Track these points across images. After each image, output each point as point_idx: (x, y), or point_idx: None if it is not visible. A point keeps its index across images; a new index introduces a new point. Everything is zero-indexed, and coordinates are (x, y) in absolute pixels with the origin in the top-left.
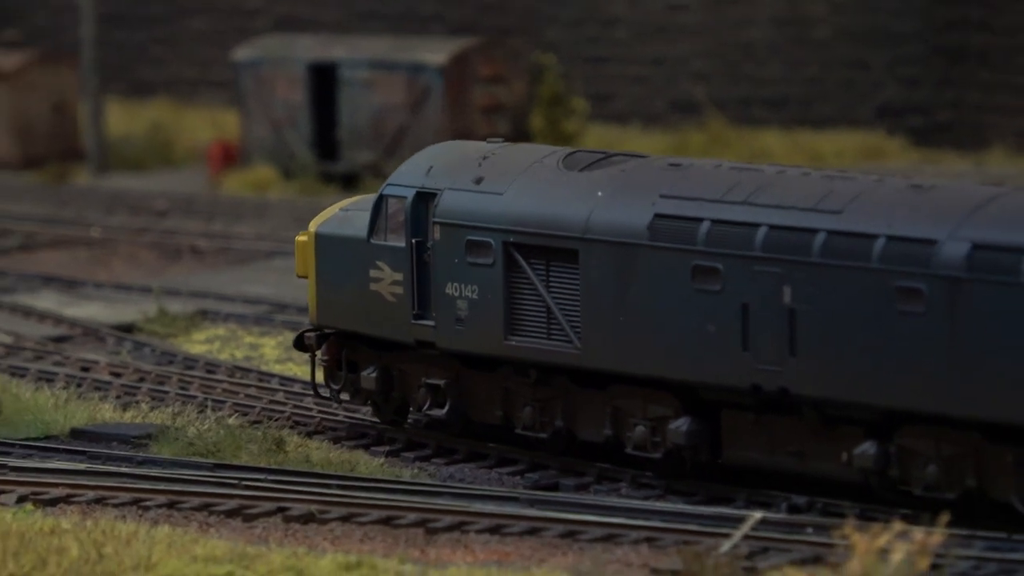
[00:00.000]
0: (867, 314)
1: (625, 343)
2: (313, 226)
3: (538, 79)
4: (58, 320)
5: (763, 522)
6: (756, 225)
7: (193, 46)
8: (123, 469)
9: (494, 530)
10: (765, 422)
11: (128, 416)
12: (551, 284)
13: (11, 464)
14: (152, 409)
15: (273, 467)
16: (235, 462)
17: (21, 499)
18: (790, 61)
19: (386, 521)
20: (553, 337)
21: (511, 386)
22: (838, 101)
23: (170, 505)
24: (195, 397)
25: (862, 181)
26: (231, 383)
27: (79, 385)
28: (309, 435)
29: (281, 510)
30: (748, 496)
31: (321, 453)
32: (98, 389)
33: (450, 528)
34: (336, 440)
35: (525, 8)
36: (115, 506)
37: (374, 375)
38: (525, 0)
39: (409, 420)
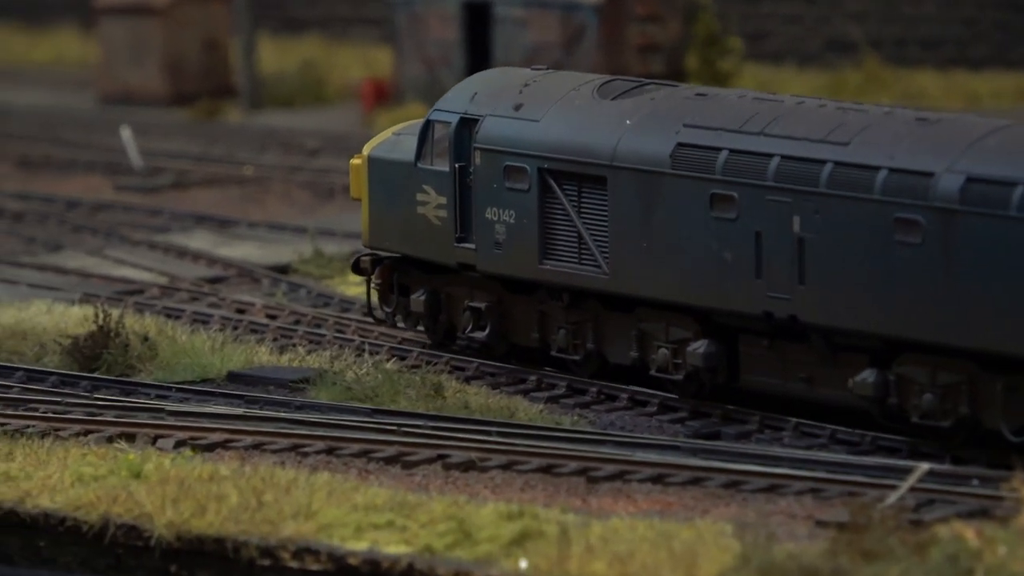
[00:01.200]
0: (869, 245)
1: (649, 269)
2: (367, 149)
3: (693, 18)
4: (212, 260)
5: (929, 473)
6: (770, 155)
7: None
8: (281, 414)
9: (656, 479)
10: (778, 348)
11: (285, 359)
12: (582, 210)
13: (169, 408)
14: (309, 353)
15: (432, 413)
16: (393, 407)
17: (179, 444)
18: (946, 1)
19: (547, 470)
20: (584, 262)
21: (546, 310)
22: (994, 42)
23: (329, 451)
24: (352, 340)
25: (873, 113)
26: (387, 328)
27: (235, 328)
28: (467, 380)
29: (441, 457)
30: (912, 446)
31: (480, 399)
32: (254, 332)
33: (611, 477)
34: (495, 386)
35: None
36: (273, 452)
37: (423, 298)
38: None
39: (457, 343)
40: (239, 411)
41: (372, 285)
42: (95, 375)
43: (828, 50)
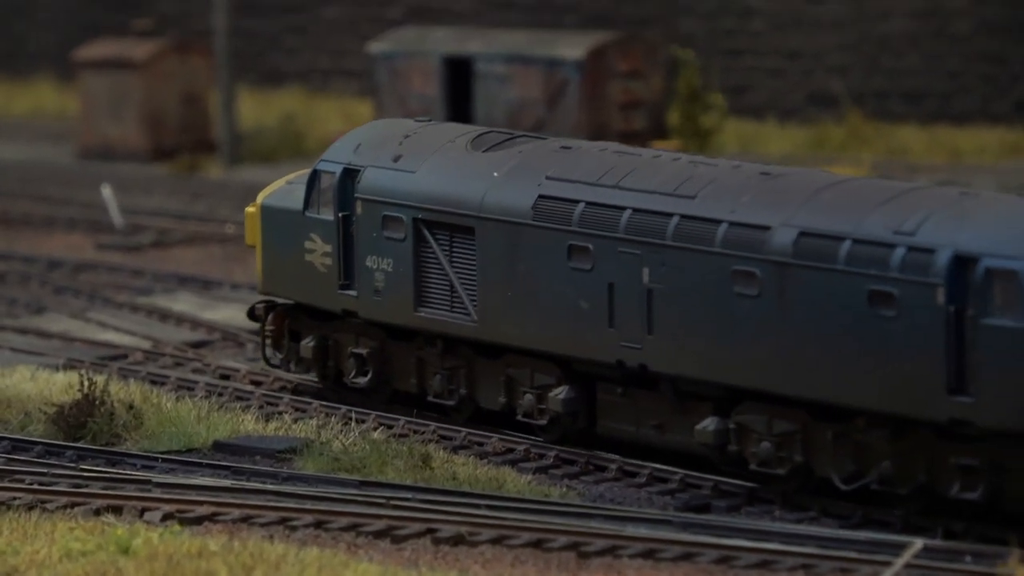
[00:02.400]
0: (710, 296)
1: (513, 317)
2: (260, 197)
3: (675, 74)
4: (196, 324)
5: (923, 550)
6: (622, 208)
7: (326, 35)
8: (269, 486)
9: (647, 555)
10: (631, 396)
11: (271, 428)
12: (453, 260)
13: (155, 480)
14: (295, 421)
15: (421, 485)
16: (381, 479)
17: (167, 517)
18: (929, 55)
19: (537, 544)
20: (455, 310)
21: (423, 356)
22: (978, 96)
23: (317, 525)
24: (338, 408)
25: (722, 167)
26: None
27: (220, 395)
28: (455, 449)
29: (430, 531)
30: (904, 520)
31: (467, 469)
32: (240, 399)
33: (602, 552)
34: (482, 455)
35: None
36: (262, 525)
37: (312, 344)
38: None
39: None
40: (226, 483)
41: (265, 331)
42: (80, 444)
43: (810, 104)
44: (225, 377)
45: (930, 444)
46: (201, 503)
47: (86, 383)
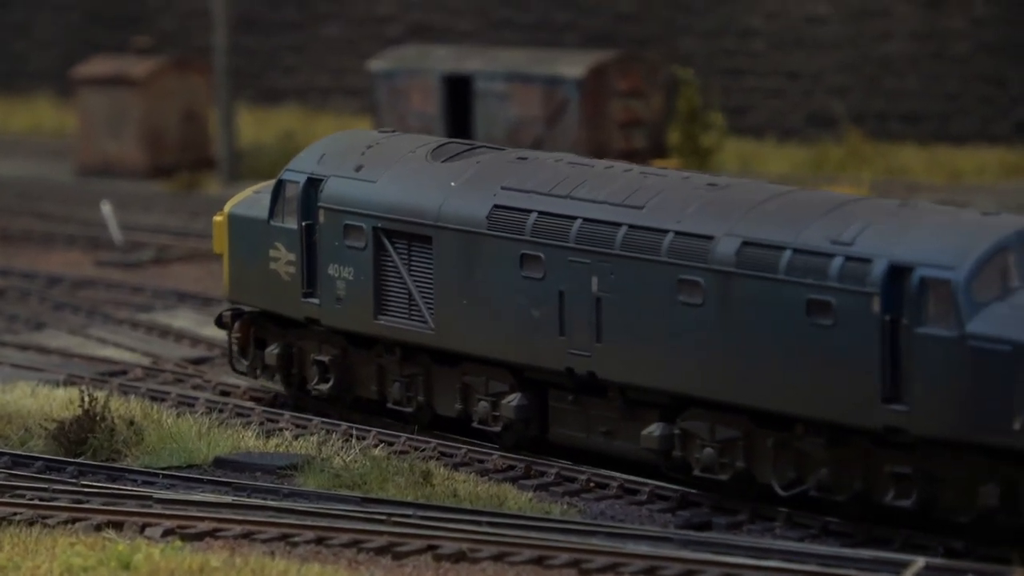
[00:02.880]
0: (656, 305)
1: (469, 325)
2: (228, 207)
3: (675, 93)
4: (195, 340)
5: (924, 568)
6: (573, 218)
7: (326, 53)
8: (270, 502)
9: (648, 572)
10: (581, 403)
11: (272, 445)
12: (412, 268)
13: (156, 496)
14: (296, 438)
15: (421, 502)
16: (382, 495)
17: (167, 532)
18: (929, 76)
19: (538, 561)
20: (413, 318)
21: (383, 363)
22: (977, 117)
23: (319, 541)
24: (339, 425)
25: (671, 178)
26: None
27: (220, 411)
28: (455, 466)
29: (431, 548)
30: (905, 539)
31: (468, 486)
32: (240, 415)
33: (603, 570)
34: (483, 472)
35: (661, 19)
36: (263, 541)
37: (276, 352)
38: (661, 11)
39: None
40: (227, 499)
41: (232, 338)
42: (81, 460)
43: (810, 124)
44: (225, 393)
45: (866, 452)
46: (202, 519)
47: (87, 399)
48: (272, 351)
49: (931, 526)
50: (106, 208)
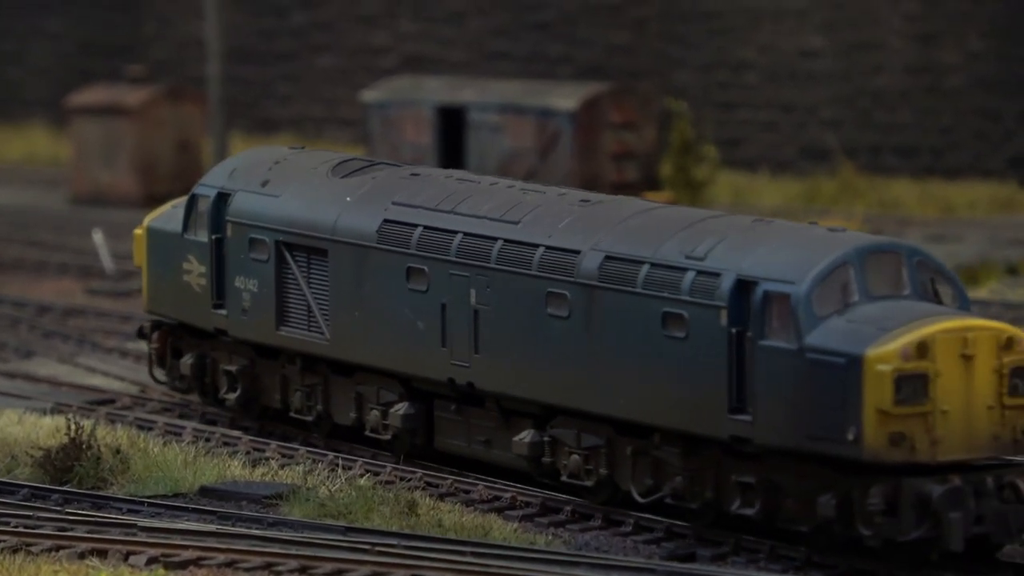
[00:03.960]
0: (528, 317)
1: (361, 336)
2: (147, 220)
3: (668, 125)
4: None
5: None
6: (455, 232)
7: (320, 84)
8: (254, 531)
9: None
10: (463, 413)
11: (258, 474)
12: (311, 280)
13: (141, 524)
14: (282, 467)
15: (406, 532)
16: (367, 525)
17: (151, 560)
18: (922, 110)
19: None
20: (312, 329)
21: (286, 373)
22: (970, 151)
23: (302, 570)
24: (325, 455)
25: (548, 195)
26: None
27: (207, 440)
28: (441, 496)
29: None
30: (889, 571)
31: (454, 516)
32: (227, 444)
33: None
34: (469, 503)
35: (654, 52)
36: (246, 570)
37: (190, 362)
38: (655, 43)
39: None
40: (212, 527)
41: (151, 349)
42: (67, 488)
43: (803, 157)
44: (212, 422)
45: (717, 461)
46: (186, 547)
47: (73, 427)
48: (187, 361)
49: (775, 535)
50: (97, 236)
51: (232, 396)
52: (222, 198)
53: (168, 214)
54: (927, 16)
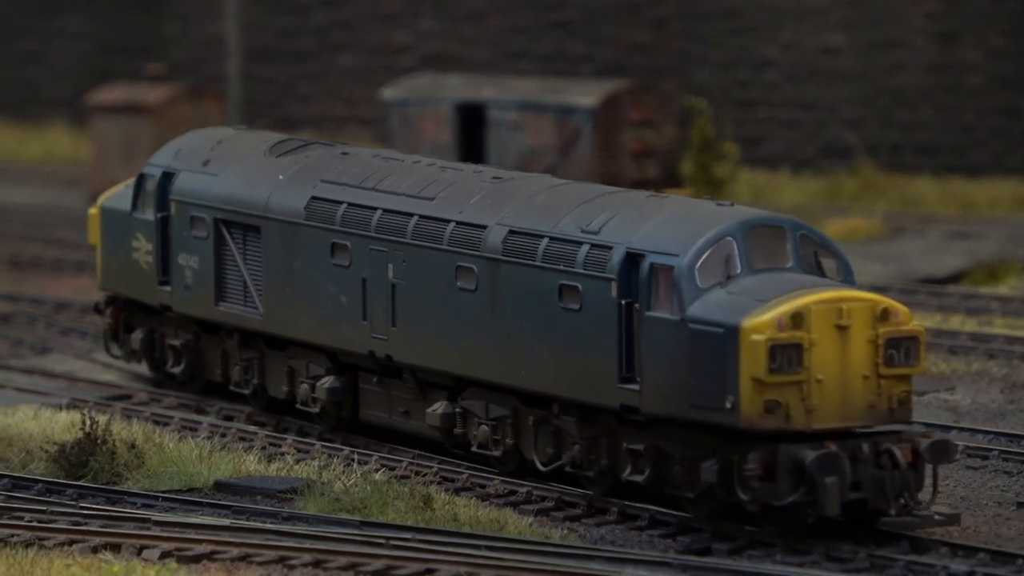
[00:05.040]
0: (439, 291)
1: (291, 311)
2: (101, 199)
3: (688, 123)
4: None
5: None
6: (374, 209)
7: (340, 83)
8: (268, 525)
9: None
10: (385, 385)
11: (273, 468)
12: (246, 257)
13: (154, 518)
14: (297, 462)
15: (421, 526)
16: (382, 519)
17: (165, 555)
18: (943, 108)
19: None
20: (247, 304)
21: (227, 347)
22: (991, 149)
23: (316, 564)
24: (341, 450)
25: (464, 172)
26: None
27: (223, 435)
28: (457, 491)
29: (429, 572)
30: (906, 565)
31: (469, 511)
32: (243, 439)
33: None
34: (484, 497)
35: (676, 50)
36: (260, 564)
37: (140, 336)
38: (675, 42)
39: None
40: (226, 522)
41: (105, 324)
42: (81, 483)
43: (824, 156)
44: (229, 418)
45: (610, 430)
46: (200, 541)
47: (88, 422)
48: (137, 336)
49: (665, 501)
50: None
51: (177, 370)
52: (167, 177)
53: (120, 194)
54: (948, 14)
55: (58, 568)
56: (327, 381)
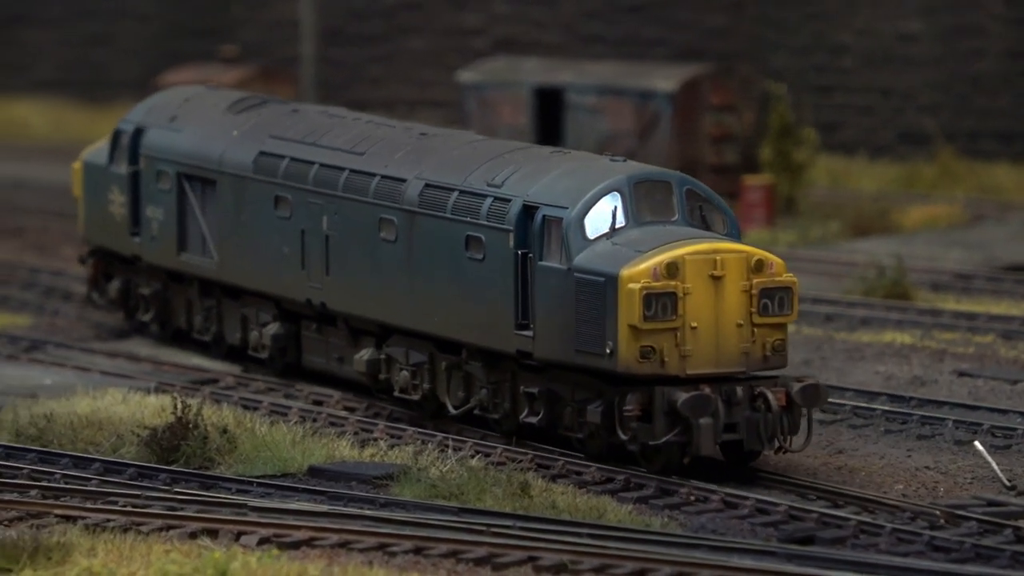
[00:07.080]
0: (365, 241)
1: (241, 261)
2: (83, 154)
3: (767, 109)
4: None
5: None
6: (312, 163)
7: (412, 66)
8: (366, 512)
9: None
10: (323, 332)
11: (367, 454)
12: (204, 209)
13: (251, 504)
14: (391, 448)
15: (521, 513)
16: (480, 506)
17: (263, 541)
18: (1021, 94)
19: (641, 573)
20: (205, 254)
21: (189, 296)
22: None
23: (417, 551)
24: (434, 436)
25: (396, 129)
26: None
27: (314, 420)
28: (553, 478)
29: (531, 559)
30: (1012, 556)
31: (567, 498)
32: (333, 424)
33: None
34: (581, 484)
35: (751, 35)
36: (360, 551)
37: (117, 286)
38: (751, 27)
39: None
40: (323, 508)
41: (87, 273)
42: (173, 468)
43: (901, 142)
44: (318, 403)
45: (511, 374)
46: (298, 528)
47: (179, 406)
48: (114, 285)
49: (559, 442)
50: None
51: (147, 318)
52: (139, 133)
53: (101, 149)
54: None
55: (157, 553)
56: (272, 328)
